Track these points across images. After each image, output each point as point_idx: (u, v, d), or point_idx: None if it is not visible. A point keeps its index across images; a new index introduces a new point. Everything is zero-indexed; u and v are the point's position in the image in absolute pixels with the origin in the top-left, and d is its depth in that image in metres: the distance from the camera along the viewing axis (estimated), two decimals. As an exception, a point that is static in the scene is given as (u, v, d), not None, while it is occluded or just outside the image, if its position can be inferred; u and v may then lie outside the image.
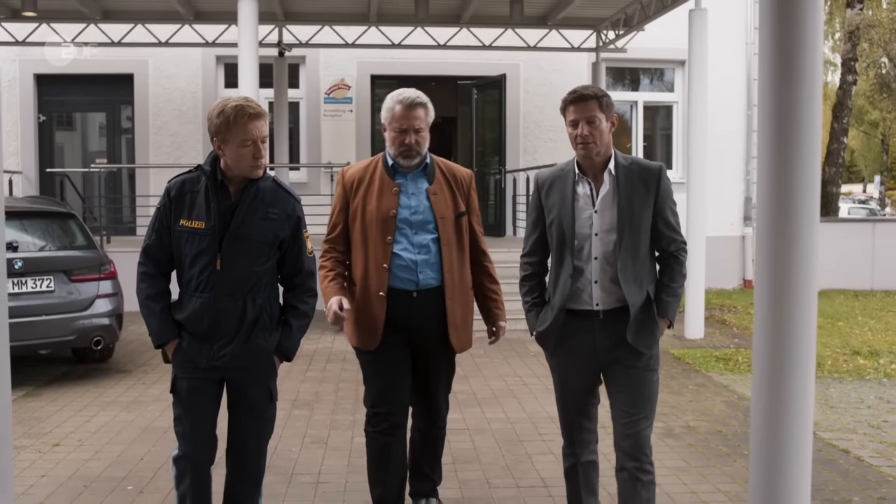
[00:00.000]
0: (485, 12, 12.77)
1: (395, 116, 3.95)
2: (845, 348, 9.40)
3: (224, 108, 3.48)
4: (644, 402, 3.63)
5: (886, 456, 5.56)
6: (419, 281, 3.97)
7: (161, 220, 3.58)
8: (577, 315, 3.65)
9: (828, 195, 18.86)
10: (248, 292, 3.54)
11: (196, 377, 3.56)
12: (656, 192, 3.63)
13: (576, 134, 3.59)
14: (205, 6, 12.63)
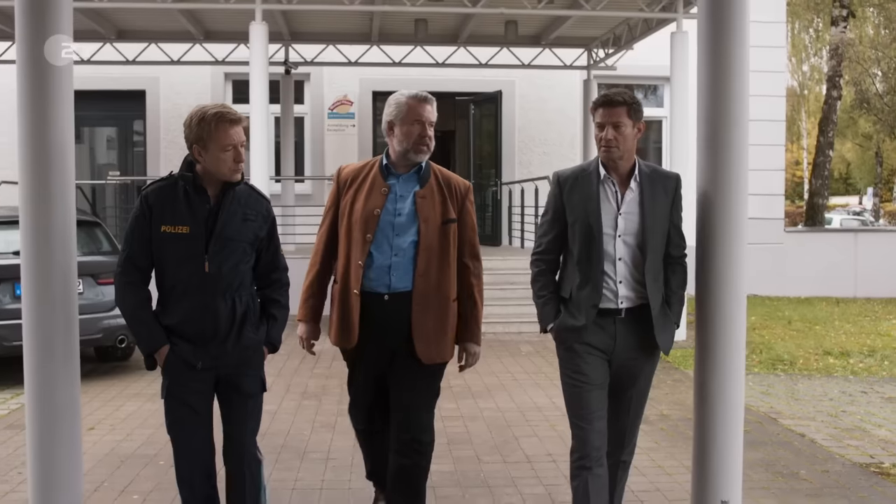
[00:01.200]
0: (481, 32, 13.43)
1: (409, 110, 3.91)
2: (818, 349, 10.02)
3: (205, 115, 3.55)
4: (642, 400, 3.88)
5: (837, 439, 6.17)
6: (391, 284, 3.89)
7: (141, 228, 3.60)
8: (600, 313, 3.72)
9: (814, 206, 19.55)
10: (235, 291, 3.65)
11: (192, 379, 3.62)
12: (672, 200, 3.77)
13: (601, 136, 3.68)
14: (214, 26, 13.29)
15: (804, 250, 16.08)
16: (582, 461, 3.71)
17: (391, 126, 3.98)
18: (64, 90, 3.67)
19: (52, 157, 3.63)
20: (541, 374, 8.41)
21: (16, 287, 7.69)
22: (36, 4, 3.61)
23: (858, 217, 36.13)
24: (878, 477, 5.28)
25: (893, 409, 7.16)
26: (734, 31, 3.72)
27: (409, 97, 3.94)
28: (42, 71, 3.62)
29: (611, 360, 3.77)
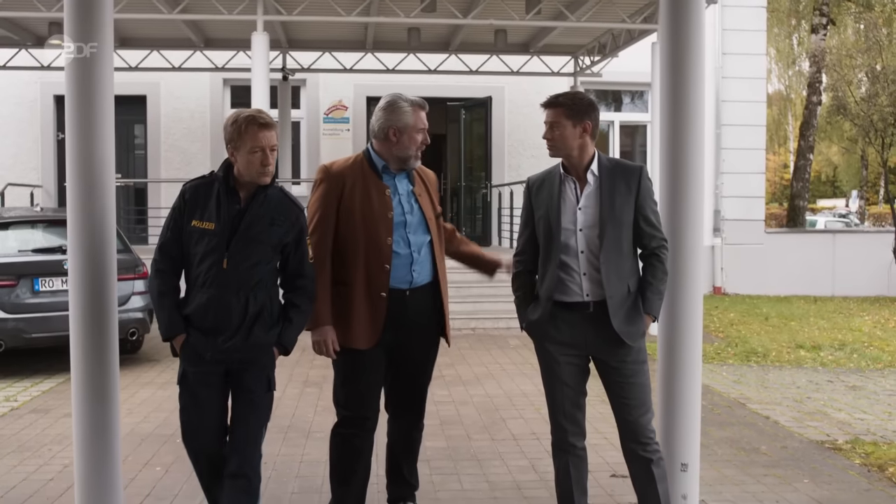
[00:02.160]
0: (472, 40, 13.95)
1: (416, 120, 4.02)
2: (791, 343, 10.55)
3: (237, 118, 3.74)
4: (637, 390, 3.82)
5: (799, 420, 6.70)
6: (413, 280, 4.04)
7: (176, 219, 3.78)
8: (567, 307, 3.81)
9: (795, 208, 20.09)
10: (250, 290, 3.73)
11: (203, 370, 3.76)
12: (637, 191, 3.79)
13: (544, 136, 3.89)
14: (215, 34, 13.78)
15: (784, 251, 16.64)
16: (557, 445, 3.94)
17: (396, 133, 4.01)
18: (106, 96, 4.16)
19: (96, 161, 4.13)
20: (527, 364, 8.94)
21: (35, 282, 8.19)
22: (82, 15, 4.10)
23: (843, 219, 36.77)
24: (830, 451, 5.82)
25: (856, 396, 7.69)
26: (692, 49, 4.28)
27: (414, 105, 4.04)
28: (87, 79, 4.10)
29: (590, 356, 3.88)
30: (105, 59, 4.11)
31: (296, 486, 5.02)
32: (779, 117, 40.97)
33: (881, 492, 4.97)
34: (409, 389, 4.25)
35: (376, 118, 4.07)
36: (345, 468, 4.13)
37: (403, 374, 4.20)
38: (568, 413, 3.89)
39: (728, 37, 16.46)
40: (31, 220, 8.90)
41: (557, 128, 3.78)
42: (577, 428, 3.91)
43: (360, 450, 4.12)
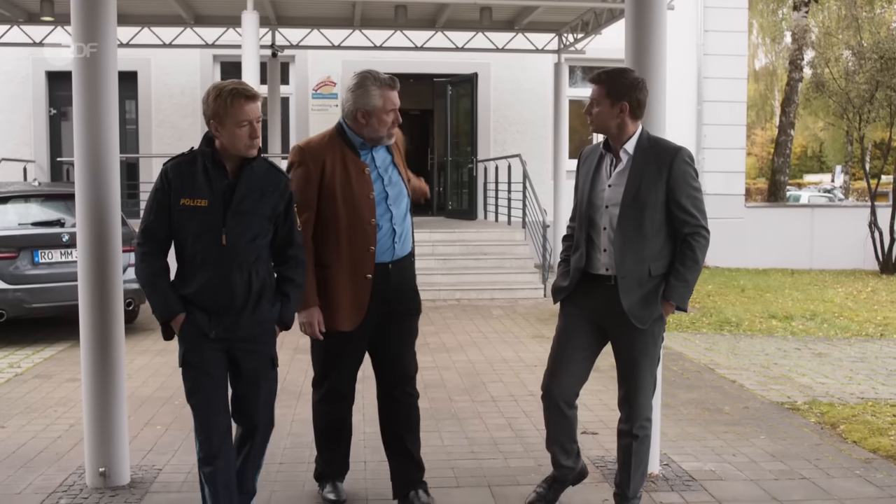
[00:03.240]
0: (458, 17, 14.19)
1: (384, 103, 3.92)
2: (764, 313, 10.95)
3: (221, 91, 3.59)
4: (641, 372, 3.89)
5: (763, 384, 7.09)
6: (395, 252, 4.03)
7: (160, 200, 3.64)
8: (594, 279, 3.90)
9: (776, 183, 20.53)
10: (252, 265, 3.66)
11: (207, 348, 3.66)
12: (668, 174, 3.74)
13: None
14: (205, 11, 13.98)
15: (763, 225, 17.05)
16: (545, 400, 4.10)
17: (364, 115, 3.93)
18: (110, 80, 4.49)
19: (102, 139, 4.47)
20: (509, 333, 9.31)
21: (34, 254, 8.49)
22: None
23: (828, 194, 37.23)
24: (789, 412, 6.21)
25: (820, 363, 8.09)
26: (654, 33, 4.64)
27: (382, 86, 3.93)
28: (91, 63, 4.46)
29: (604, 328, 3.95)
30: (109, 47, 4.45)
31: (288, 443, 5.38)
32: (766, 92, 41.26)
33: (830, 446, 5.37)
34: (392, 360, 4.18)
35: (345, 98, 3.99)
36: (329, 437, 4.27)
37: (390, 346, 4.14)
38: (564, 378, 3.99)
39: (710, 14, 16.77)
40: (30, 194, 9.19)
41: (596, 105, 3.81)
42: (570, 395, 4.01)
43: (342, 419, 4.26)
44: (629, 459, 3.97)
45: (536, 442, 5.37)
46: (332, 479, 4.40)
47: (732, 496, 4.50)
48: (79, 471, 4.75)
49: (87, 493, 4.46)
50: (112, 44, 4.52)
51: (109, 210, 4.51)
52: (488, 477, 4.79)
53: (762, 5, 28.58)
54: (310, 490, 4.56)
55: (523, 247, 13.27)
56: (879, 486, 4.67)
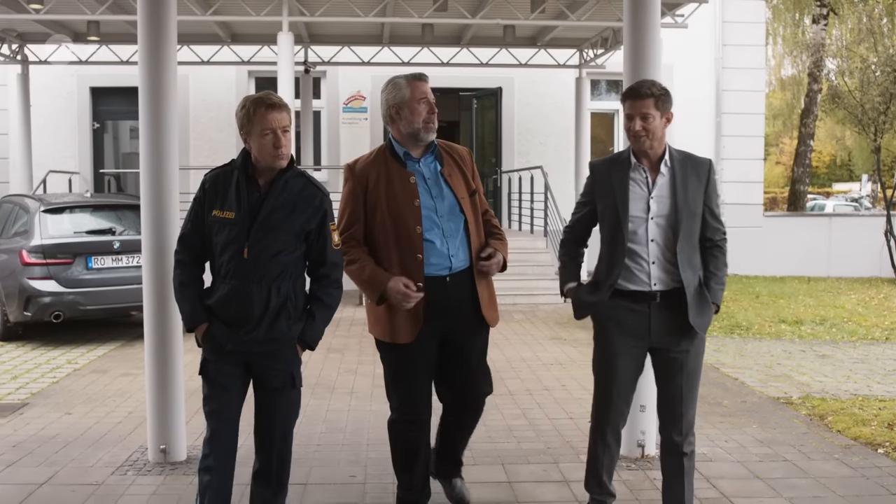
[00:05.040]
0: (482, 35, 14.83)
1: (413, 91, 3.92)
2: (775, 318, 11.41)
3: (245, 102, 3.62)
4: (692, 384, 3.87)
5: (764, 382, 7.60)
6: (452, 266, 3.94)
7: (196, 210, 3.70)
8: (632, 297, 3.81)
9: (796, 193, 20.89)
10: (273, 280, 3.61)
11: (223, 360, 3.66)
12: (706, 184, 3.82)
13: (629, 127, 3.77)
14: (241, 30, 14.71)
15: (782, 233, 17.46)
16: (597, 429, 3.99)
17: (397, 110, 3.96)
18: (170, 98, 5.14)
19: (164, 153, 5.12)
20: (528, 335, 9.88)
21: (88, 260, 9.19)
22: (153, 20, 5.10)
23: (854, 203, 37.39)
24: (783, 405, 6.73)
25: (822, 363, 8.57)
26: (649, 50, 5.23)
27: (409, 78, 3.98)
28: (157, 74, 5.12)
29: (651, 347, 3.88)
30: (170, 63, 5.10)
31: (323, 428, 5.99)
32: (792, 102, 41.47)
33: (816, 435, 5.89)
34: (459, 374, 4.11)
35: (381, 104, 4.07)
36: (405, 458, 4.16)
37: (455, 364, 4.08)
38: (616, 406, 3.91)
39: (728, 28, 17.25)
40: (83, 204, 9.91)
41: (649, 119, 3.73)
42: (622, 420, 3.96)
43: (418, 441, 4.11)
44: (682, 481, 3.93)
45: (547, 429, 5.96)
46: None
47: (719, 474, 5.04)
48: (140, 449, 5.39)
49: (150, 466, 5.11)
50: (172, 65, 5.17)
51: (169, 217, 5.14)
52: (502, 457, 5.36)
53: (787, 15, 28.96)
54: (345, 469, 5.15)
55: (544, 254, 13.82)
56: (854, 467, 5.19)
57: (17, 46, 14.89)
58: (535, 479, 4.98)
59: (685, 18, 13.00)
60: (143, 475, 4.99)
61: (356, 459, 5.32)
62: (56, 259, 9.01)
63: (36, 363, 8.27)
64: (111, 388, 7.18)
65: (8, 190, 14.87)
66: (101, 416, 6.31)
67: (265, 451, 3.81)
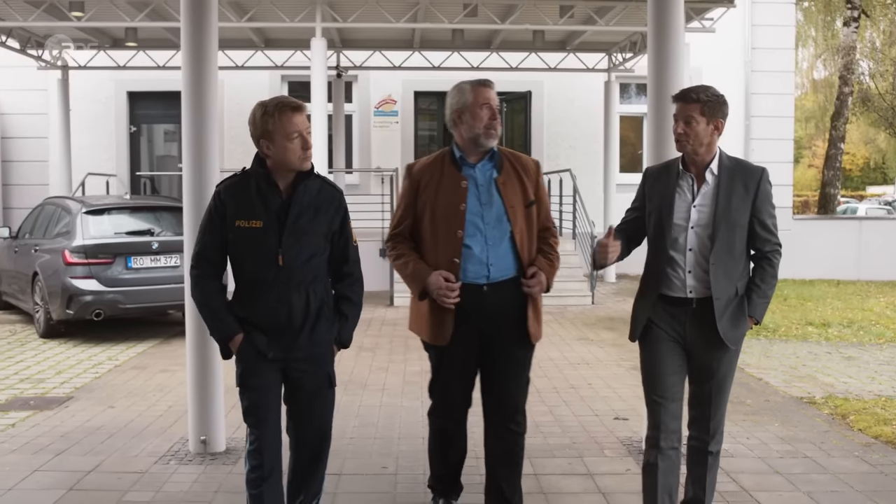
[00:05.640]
0: (512, 39, 15.03)
1: (477, 95, 3.90)
2: (802, 321, 11.47)
3: (266, 108, 3.54)
4: (723, 391, 3.87)
5: (788, 382, 7.71)
6: (490, 274, 3.89)
7: (214, 222, 3.62)
8: (671, 301, 3.81)
9: (826, 196, 20.89)
10: (309, 284, 3.62)
11: (264, 369, 3.62)
12: (755, 194, 3.73)
13: (673, 129, 3.77)
14: (275, 35, 15.01)
15: (811, 236, 17.46)
16: (653, 440, 3.87)
17: (459, 114, 3.95)
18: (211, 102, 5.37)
19: (206, 156, 5.35)
20: (556, 336, 10.03)
21: (128, 261, 9.47)
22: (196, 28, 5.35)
23: (888, 206, 37.15)
24: (805, 405, 6.84)
25: (847, 365, 8.64)
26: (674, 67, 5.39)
27: (473, 84, 3.96)
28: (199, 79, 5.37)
29: (686, 350, 3.85)
30: (211, 68, 5.34)
31: (356, 422, 6.20)
32: (825, 104, 41.31)
33: (837, 433, 6.00)
34: (495, 388, 4.07)
35: (445, 108, 4.07)
36: (438, 449, 4.29)
37: (491, 374, 4.05)
38: (664, 406, 3.84)
39: (757, 32, 17.30)
40: (123, 206, 10.20)
41: (693, 123, 3.69)
42: (674, 423, 3.86)
43: (451, 435, 4.22)
44: (705, 475, 3.96)
45: (573, 425, 6.14)
46: (444, 496, 4.40)
47: (739, 469, 5.19)
48: (181, 441, 5.63)
49: (191, 456, 5.34)
50: (213, 70, 5.42)
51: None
52: (529, 451, 5.41)
53: (818, 17, 28.91)
54: (377, 461, 5.35)
55: (573, 256, 13.96)
56: (873, 464, 5.31)
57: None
58: (561, 471, 5.16)
59: (713, 23, 13.11)
60: (184, 464, 5.22)
61: (388, 452, 5.52)
62: (97, 259, 9.30)
63: (78, 359, 8.56)
64: (151, 384, 7.44)
65: (48, 192, 15.28)
66: (143, 409, 6.56)
67: (301, 450, 3.82)
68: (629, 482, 4.93)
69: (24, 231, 10.99)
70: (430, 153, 4.29)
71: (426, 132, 17.86)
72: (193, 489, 4.82)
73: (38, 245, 10.10)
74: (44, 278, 9.55)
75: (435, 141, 17.70)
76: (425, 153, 18.09)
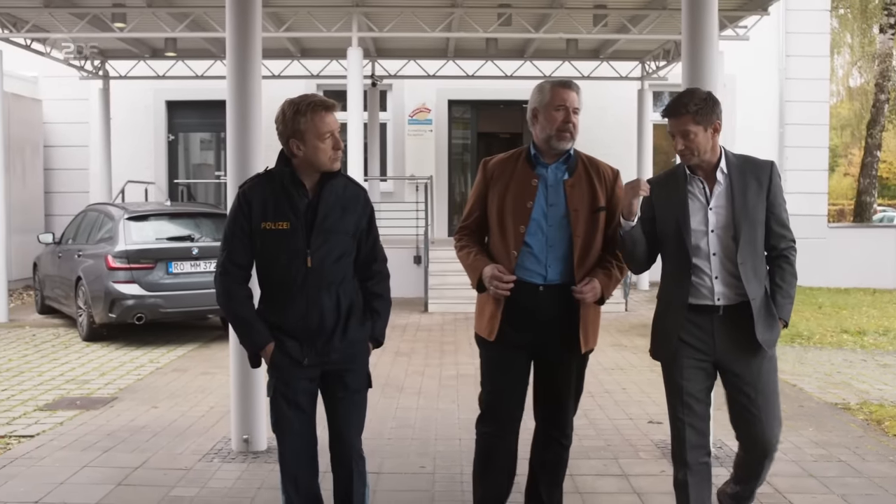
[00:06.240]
0: (545, 48, 15.11)
1: (553, 96, 3.81)
2: (837, 328, 11.44)
3: (298, 107, 3.46)
4: (769, 402, 3.69)
5: (823, 389, 7.72)
6: (547, 275, 3.81)
7: (240, 224, 3.51)
8: (695, 310, 3.66)
9: (862, 204, 20.73)
10: (339, 285, 3.55)
11: (301, 376, 3.53)
12: (769, 188, 3.63)
13: (674, 146, 3.67)
14: (311, 45, 15.23)
15: (847, 245, 17.35)
16: (679, 457, 3.74)
17: (535, 113, 3.89)
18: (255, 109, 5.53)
19: (250, 162, 5.51)
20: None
21: (169, 266, 9.67)
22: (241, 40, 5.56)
23: (925, 216, 36.76)
24: (840, 410, 6.86)
25: (883, 372, 8.63)
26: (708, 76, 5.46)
27: (553, 84, 3.88)
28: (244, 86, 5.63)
29: (715, 362, 3.69)
30: (255, 76, 5.50)
31: (393, 424, 6.31)
32: (861, 112, 40.90)
33: (872, 438, 6.02)
34: (546, 398, 3.98)
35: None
36: (483, 464, 4.02)
37: (543, 380, 3.96)
38: (689, 424, 3.70)
39: (792, 39, 17.25)
40: (164, 212, 10.44)
41: (691, 137, 3.60)
42: (699, 439, 3.72)
43: (498, 448, 3.96)
44: (756, 472, 3.93)
45: (607, 428, 6.21)
46: None
47: (773, 472, 5.17)
48: (224, 440, 5.77)
49: (234, 455, 5.48)
50: (257, 79, 5.66)
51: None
52: None
53: (854, 24, 28.68)
54: (415, 461, 5.45)
55: (606, 264, 13.98)
56: (908, 468, 5.34)
57: (99, 62, 15.60)
58: (595, 472, 5.24)
59: (747, 31, 13.12)
60: (227, 462, 5.36)
61: (425, 452, 5.63)
62: (139, 264, 9.52)
63: (121, 362, 8.76)
64: (192, 385, 7.61)
65: (88, 199, 15.58)
66: (185, 409, 6.72)
67: (343, 457, 3.69)
68: (663, 483, 4.99)
69: (68, 237, 11.26)
70: (463, 162, 4.28)
71: (460, 140, 17.98)
72: (237, 486, 4.95)
73: (81, 250, 10.35)
74: (87, 283, 9.78)
75: (469, 149, 17.81)
76: (459, 161, 18.37)
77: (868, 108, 38.54)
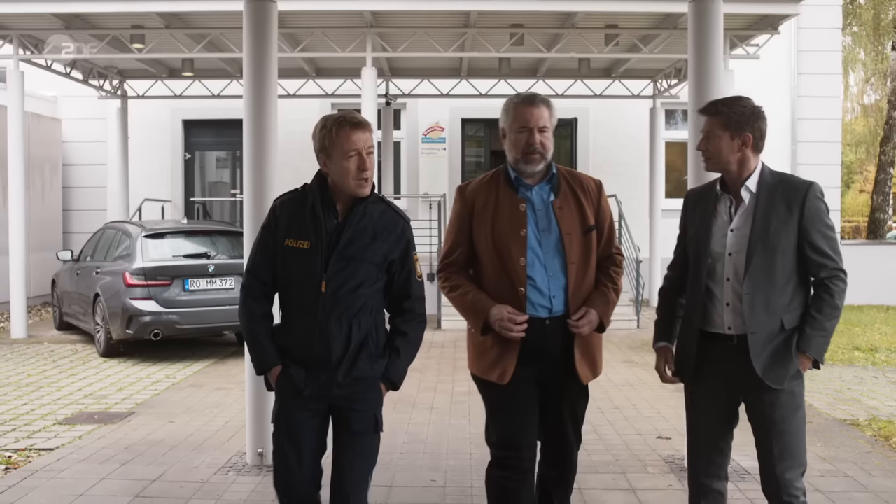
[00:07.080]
0: (557, 67, 15.27)
1: (515, 116, 3.56)
2: (848, 345, 11.46)
3: (326, 122, 3.32)
4: (785, 440, 3.40)
5: (832, 405, 7.76)
6: (552, 307, 3.55)
7: (266, 238, 3.37)
8: (712, 339, 3.43)
9: (875, 221, 20.75)
10: (353, 316, 3.29)
11: (301, 407, 3.31)
12: (801, 212, 3.30)
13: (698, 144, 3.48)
14: (325, 65, 15.42)
15: (860, 262, 17.30)
16: (693, 489, 3.61)
17: (504, 134, 3.65)
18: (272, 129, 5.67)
19: (266, 181, 5.63)
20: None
21: (185, 283, 9.82)
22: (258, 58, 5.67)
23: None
24: (849, 426, 6.91)
25: (894, 389, 8.63)
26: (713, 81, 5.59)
27: (516, 102, 3.63)
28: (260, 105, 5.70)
29: (735, 391, 3.47)
30: (271, 95, 5.63)
31: (405, 439, 6.41)
32: (875, 129, 40.85)
33: (879, 454, 6.07)
34: (553, 427, 3.74)
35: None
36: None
37: (548, 409, 3.70)
38: (702, 451, 3.55)
39: (803, 57, 17.33)
40: (180, 230, 10.61)
41: (712, 139, 3.38)
42: (713, 468, 3.55)
43: (517, 493, 3.63)
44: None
45: (616, 443, 6.28)
46: None
47: (780, 486, 5.29)
48: (239, 454, 5.89)
49: (249, 468, 5.59)
50: (273, 100, 5.73)
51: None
52: None
53: (867, 42, 28.72)
54: (426, 475, 5.54)
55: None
56: (914, 484, 5.40)
57: (117, 82, 15.85)
58: (604, 486, 5.31)
59: (758, 49, 13.21)
60: (242, 475, 5.47)
61: (436, 466, 5.72)
62: (156, 281, 9.67)
63: (137, 377, 8.90)
64: (208, 401, 7.73)
65: (106, 217, 15.80)
66: (201, 424, 6.84)
67: (340, 500, 3.36)
68: (671, 498, 5.08)
69: (86, 254, 11.45)
70: (477, 179, 4.07)
71: (473, 159, 18.12)
72: (252, 498, 5.06)
73: (99, 267, 10.52)
74: (105, 299, 9.94)
75: (482, 167, 17.92)
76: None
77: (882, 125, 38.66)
